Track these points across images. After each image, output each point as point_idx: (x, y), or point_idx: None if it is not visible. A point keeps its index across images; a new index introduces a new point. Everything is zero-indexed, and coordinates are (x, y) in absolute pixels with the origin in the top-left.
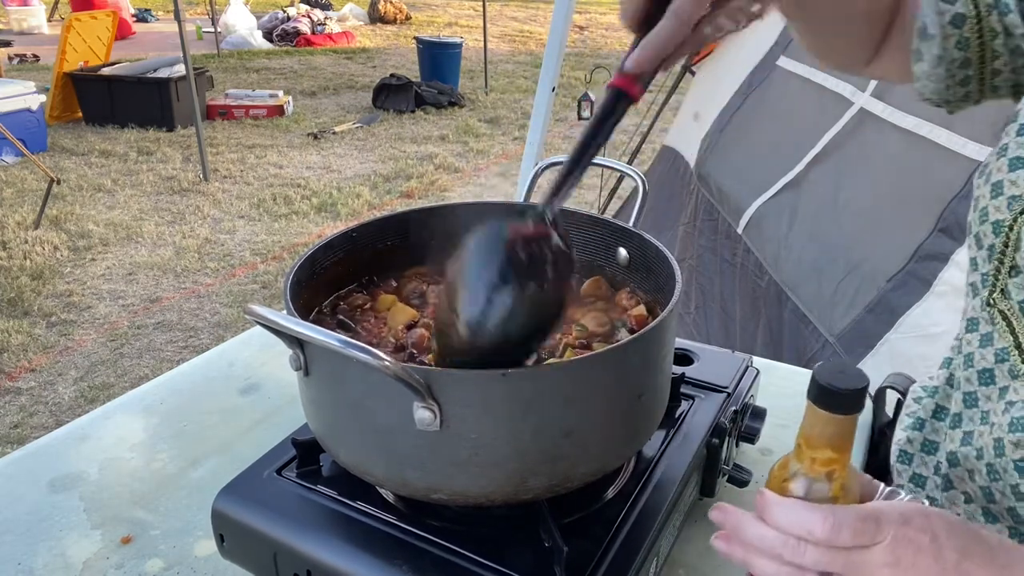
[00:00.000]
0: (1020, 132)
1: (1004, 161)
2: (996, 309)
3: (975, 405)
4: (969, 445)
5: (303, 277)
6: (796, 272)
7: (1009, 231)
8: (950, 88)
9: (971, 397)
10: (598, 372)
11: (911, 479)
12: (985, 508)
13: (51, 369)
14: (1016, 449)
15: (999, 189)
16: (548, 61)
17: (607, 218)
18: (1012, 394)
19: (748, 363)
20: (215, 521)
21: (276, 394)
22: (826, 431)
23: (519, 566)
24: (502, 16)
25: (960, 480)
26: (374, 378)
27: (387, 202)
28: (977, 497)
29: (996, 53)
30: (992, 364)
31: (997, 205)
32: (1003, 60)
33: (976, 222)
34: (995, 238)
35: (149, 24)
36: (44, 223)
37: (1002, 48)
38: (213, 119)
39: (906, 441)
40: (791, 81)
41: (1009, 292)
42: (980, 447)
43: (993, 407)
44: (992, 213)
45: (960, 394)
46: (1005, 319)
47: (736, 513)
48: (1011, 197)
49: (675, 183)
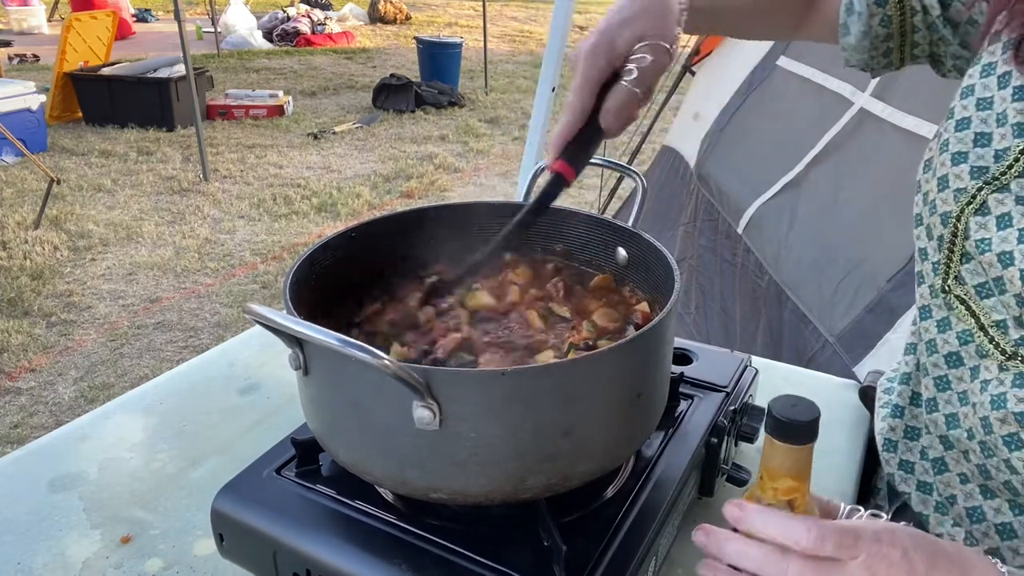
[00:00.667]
0: (958, 127)
1: (947, 156)
2: (952, 295)
3: (948, 388)
4: (958, 427)
5: (303, 277)
6: (796, 272)
7: (957, 221)
8: (874, 58)
9: (943, 381)
10: (597, 371)
11: (899, 466)
12: (983, 485)
13: (51, 369)
14: (1003, 425)
15: (945, 183)
16: (548, 61)
17: (607, 218)
18: (985, 372)
19: (747, 362)
20: (215, 521)
21: (276, 394)
22: (785, 462)
23: (518, 565)
24: (502, 16)
25: (956, 462)
26: (373, 377)
27: (387, 202)
28: (974, 476)
29: (915, 28)
30: (957, 347)
31: (944, 198)
32: (921, 34)
33: (926, 214)
34: (944, 228)
35: (149, 24)
36: (44, 223)
37: (920, 24)
38: (213, 119)
39: (888, 430)
40: (791, 81)
41: (963, 278)
42: (969, 428)
43: (969, 387)
44: (940, 205)
45: (930, 380)
46: (963, 303)
47: (718, 534)
48: (956, 190)
49: (675, 183)
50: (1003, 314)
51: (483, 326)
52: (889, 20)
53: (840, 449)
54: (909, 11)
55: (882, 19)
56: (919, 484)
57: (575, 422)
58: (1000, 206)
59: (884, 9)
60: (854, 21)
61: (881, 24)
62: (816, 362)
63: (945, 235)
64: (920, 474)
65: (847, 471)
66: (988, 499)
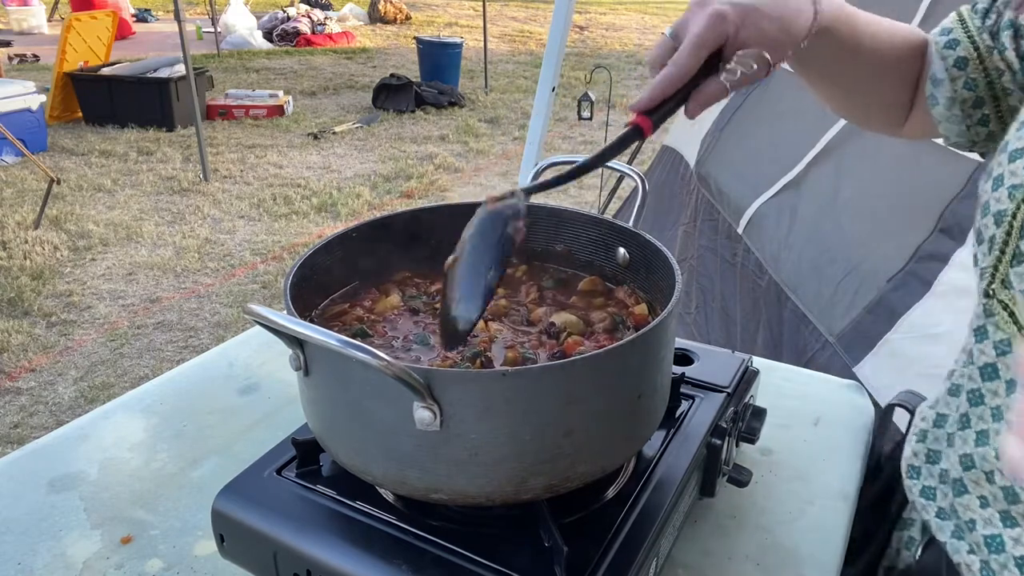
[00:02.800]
0: (1020, 127)
1: (1004, 156)
2: (995, 300)
3: (981, 402)
4: (986, 445)
5: (303, 277)
6: (796, 272)
7: (1012, 219)
8: (970, 128)
9: (975, 394)
10: (598, 372)
11: (921, 493)
12: (1005, 511)
13: (51, 369)
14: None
15: (999, 182)
16: (548, 61)
17: (607, 218)
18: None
19: (748, 363)
20: (215, 521)
21: (276, 394)
22: None
23: (519, 566)
24: (502, 16)
25: (975, 484)
26: (374, 378)
27: (387, 202)
28: (996, 500)
29: (1007, 90)
30: (993, 358)
31: (997, 197)
32: (1017, 96)
33: (978, 218)
34: (996, 228)
35: (149, 24)
36: (44, 223)
37: (1011, 84)
38: (213, 119)
39: (912, 455)
40: (791, 81)
41: (1010, 282)
42: (999, 446)
43: (1003, 402)
44: (993, 205)
45: (964, 394)
46: (1006, 308)
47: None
48: (1012, 186)
49: (675, 183)
50: None
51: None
52: (975, 83)
53: (841, 449)
54: (995, 72)
55: (966, 82)
56: (939, 511)
57: (576, 423)
58: None
59: (966, 72)
60: (939, 90)
61: (966, 88)
62: (816, 362)
63: (998, 235)
64: (940, 500)
65: (848, 471)
66: (1009, 527)
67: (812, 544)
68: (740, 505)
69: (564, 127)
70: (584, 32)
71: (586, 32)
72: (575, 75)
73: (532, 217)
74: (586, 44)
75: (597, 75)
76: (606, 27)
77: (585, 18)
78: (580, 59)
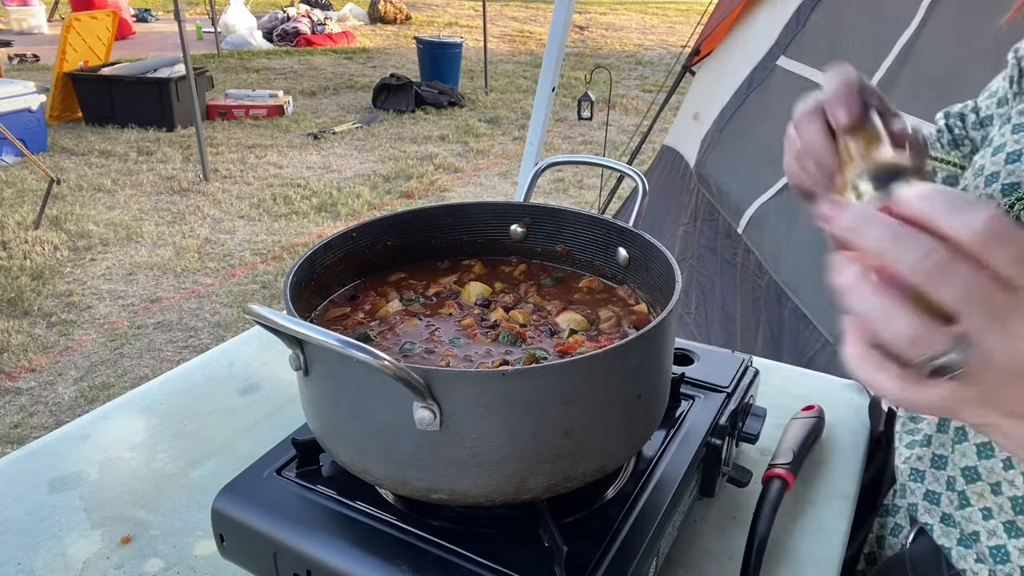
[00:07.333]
0: (1015, 131)
1: (1001, 156)
2: None
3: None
4: (992, 457)
5: (303, 277)
6: (796, 272)
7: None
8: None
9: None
10: (598, 372)
11: (924, 496)
12: (1009, 522)
13: (51, 369)
14: None
15: (994, 179)
16: (548, 61)
17: (607, 218)
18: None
19: (748, 363)
20: (215, 521)
21: (276, 394)
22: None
23: (519, 566)
24: (502, 16)
25: (979, 496)
26: (374, 378)
27: (387, 202)
28: (1003, 511)
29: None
30: None
31: (990, 192)
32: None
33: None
34: None
35: (149, 24)
36: (44, 223)
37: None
38: (213, 119)
39: (915, 459)
40: (791, 81)
41: None
42: (1007, 456)
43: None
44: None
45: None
46: None
47: (856, 209)
48: (1005, 184)
49: (675, 183)
50: None
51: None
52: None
53: (842, 448)
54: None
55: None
56: (943, 516)
57: (576, 423)
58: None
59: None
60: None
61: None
62: (816, 362)
63: None
64: (944, 506)
65: (849, 471)
66: (1013, 538)
67: (812, 544)
68: (740, 505)
69: (564, 127)
70: (584, 32)
71: (586, 32)
72: (575, 75)
73: (532, 217)
74: (586, 44)
75: (597, 75)
76: (606, 27)
77: (585, 18)
78: (580, 59)
